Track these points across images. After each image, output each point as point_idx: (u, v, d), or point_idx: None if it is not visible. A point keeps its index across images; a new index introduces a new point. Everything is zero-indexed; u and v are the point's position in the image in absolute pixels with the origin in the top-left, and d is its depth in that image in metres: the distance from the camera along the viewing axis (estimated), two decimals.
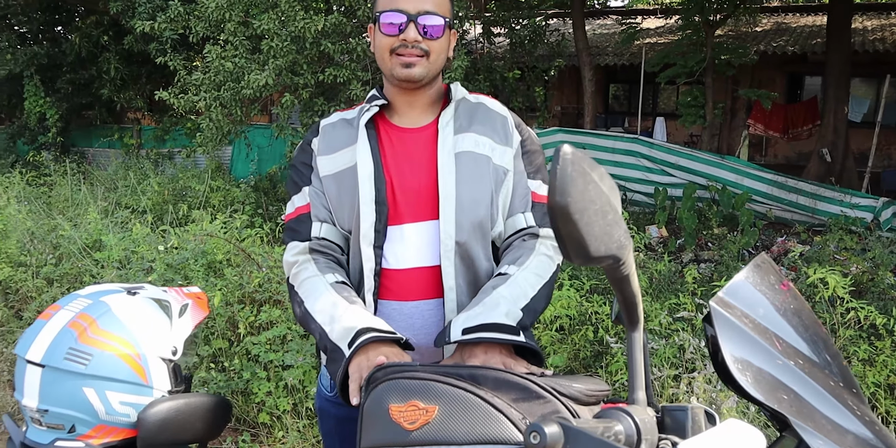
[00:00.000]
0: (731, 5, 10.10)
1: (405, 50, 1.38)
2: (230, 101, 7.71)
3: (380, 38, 1.41)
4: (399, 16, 1.37)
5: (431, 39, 1.39)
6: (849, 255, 6.20)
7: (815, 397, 0.93)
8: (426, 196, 1.41)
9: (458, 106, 1.49)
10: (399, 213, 1.41)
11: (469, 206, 1.40)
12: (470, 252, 1.41)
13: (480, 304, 1.30)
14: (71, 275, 4.41)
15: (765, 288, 1.03)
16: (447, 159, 1.41)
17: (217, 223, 4.67)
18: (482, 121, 1.47)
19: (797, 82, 13.96)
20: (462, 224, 1.39)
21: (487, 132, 1.46)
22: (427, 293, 1.41)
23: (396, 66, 1.39)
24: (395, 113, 1.48)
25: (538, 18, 10.92)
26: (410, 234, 1.41)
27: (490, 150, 1.44)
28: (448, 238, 1.39)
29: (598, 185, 0.68)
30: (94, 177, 10.01)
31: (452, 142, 1.43)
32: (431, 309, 1.42)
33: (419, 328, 1.40)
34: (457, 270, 1.40)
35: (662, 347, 3.27)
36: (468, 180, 1.40)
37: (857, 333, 3.60)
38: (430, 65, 1.41)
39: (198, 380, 3.27)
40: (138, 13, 9.92)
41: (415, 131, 1.47)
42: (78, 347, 1.25)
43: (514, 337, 1.23)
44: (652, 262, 5.32)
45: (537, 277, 1.38)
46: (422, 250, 1.41)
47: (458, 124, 1.46)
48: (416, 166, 1.43)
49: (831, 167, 9.71)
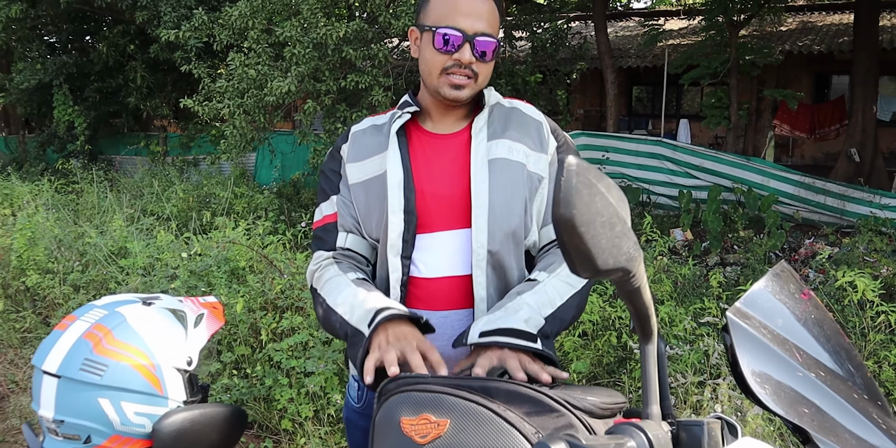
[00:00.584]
0: (755, 5, 9.99)
1: (457, 70, 1.35)
2: (253, 108, 7.79)
3: (431, 53, 1.37)
4: (456, 34, 1.33)
5: (483, 62, 1.37)
6: (879, 256, 6.08)
7: (838, 410, 0.90)
8: (458, 204, 1.38)
9: (491, 111, 1.46)
10: (430, 222, 1.39)
11: (502, 215, 1.37)
12: (502, 262, 1.39)
13: (502, 308, 1.28)
14: (97, 282, 4.47)
15: (784, 297, 1.00)
16: (480, 166, 1.38)
17: (240, 230, 4.70)
18: (516, 126, 1.44)
19: (824, 82, 13.75)
20: (494, 233, 1.37)
21: (522, 138, 1.43)
22: (457, 303, 1.39)
23: (445, 86, 1.37)
24: (429, 119, 1.46)
25: (560, 22, 10.89)
26: (441, 242, 1.39)
27: (524, 156, 1.41)
28: (480, 247, 1.36)
29: (604, 197, 0.67)
30: (121, 184, 10.16)
31: (486, 148, 1.40)
32: (461, 319, 1.39)
33: (448, 338, 1.37)
34: (488, 280, 1.38)
35: (687, 353, 3.23)
36: (501, 188, 1.37)
37: (888, 337, 3.53)
38: (476, 86, 1.39)
39: (220, 386, 3.29)
40: (164, 22, 10.07)
41: (448, 137, 1.44)
42: (93, 358, 1.25)
43: (528, 343, 1.21)
44: (676, 266, 5.26)
45: (567, 286, 1.35)
46: (453, 259, 1.38)
47: (491, 130, 1.43)
48: (449, 173, 1.40)
49: (860, 167, 9.54)
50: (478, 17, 1.34)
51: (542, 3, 12.62)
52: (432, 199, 1.39)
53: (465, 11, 1.34)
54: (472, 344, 1.23)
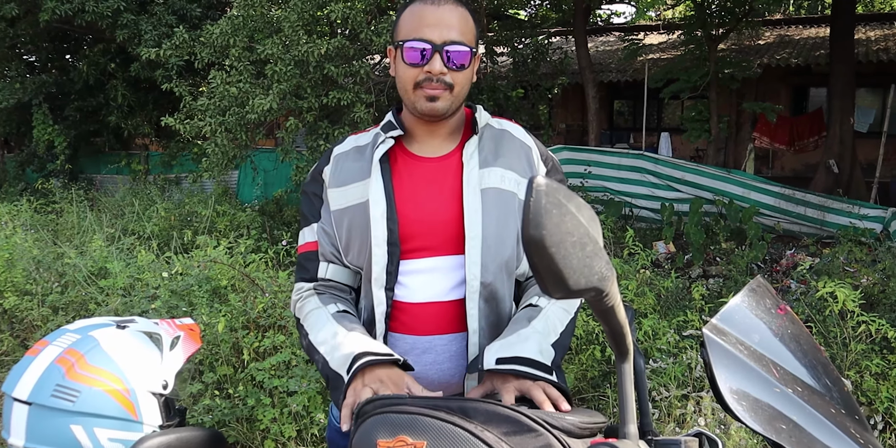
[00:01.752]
0: (733, 19, 10.13)
1: (429, 84, 1.32)
2: (235, 126, 7.77)
3: (403, 68, 1.34)
4: (424, 46, 1.30)
5: (456, 71, 1.32)
6: (859, 266, 6.13)
7: (816, 426, 0.90)
8: (448, 230, 1.36)
9: (481, 134, 1.42)
10: (416, 247, 1.36)
11: (495, 246, 1.35)
12: (495, 293, 1.37)
13: (515, 334, 1.27)
14: (76, 303, 4.41)
15: (761, 312, 1.01)
16: (473, 196, 1.35)
17: (221, 248, 4.66)
18: (507, 152, 1.42)
19: (802, 94, 13.94)
20: (487, 265, 1.35)
21: (513, 165, 1.40)
22: (445, 328, 1.37)
23: (420, 99, 1.33)
24: (415, 141, 1.42)
25: (541, 37, 10.98)
26: (428, 268, 1.36)
27: (516, 185, 1.39)
28: (474, 279, 1.34)
29: (575, 216, 0.66)
30: (102, 203, 10.07)
31: (478, 177, 1.37)
32: (446, 344, 1.37)
33: (430, 363, 1.36)
34: (480, 312, 1.36)
35: (670, 366, 3.23)
36: (494, 219, 1.35)
37: (869, 347, 3.55)
38: (453, 98, 1.35)
39: (202, 407, 3.24)
40: (144, 41, 10.05)
41: (435, 161, 1.40)
42: (65, 384, 1.23)
43: (546, 375, 1.20)
44: (659, 279, 5.28)
45: (565, 313, 1.36)
46: (442, 285, 1.36)
47: (482, 157, 1.39)
48: (438, 199, 1.37)
49: (839, 178, 9.65)
50: (447, 27, 1.31)
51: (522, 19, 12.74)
52: (418, 226, 1.36)
53: (431, 22, 1.31)
54: (489, 369, 1.22)
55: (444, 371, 1.37)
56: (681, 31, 11.54)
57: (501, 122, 1.49)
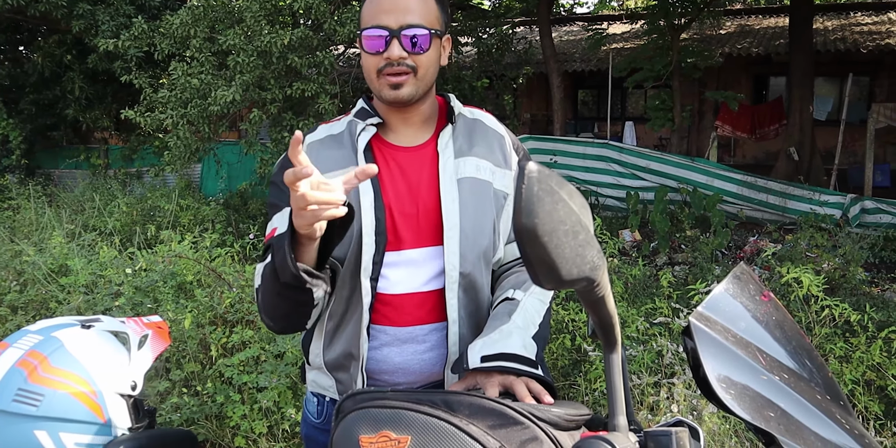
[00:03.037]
0: (695, 9, 10.23)
1: (390, 69, 1.30)
2: (198, 118, 7.62)
3: (365, 57, 1.33)
4: (381, 32, 1.29)
5: (418, 54, 1.31)
6: (820, 252, 6.27)
7: (802, 413, 0.89)
8: (427, 221, 1.35)
9: (455, 124, 1.42)
10: (398, 239, 1.34)
11: (473, 236, 1.35)
12: (474, 282, 1.37)
13: (497, 330, 1.26)
14: (36, 301, 4.28)
15: (745, 299, 1.00)
16: (449, 186, 1.34)
17: (186, 243, 4.57)
18: (480, 141, 1.42)
19: (762, 83, 14.17)
20: (466, 255, 1.34)
21: (487, 155, 1.41)
22: (423, 318, 1.36)
23: (384, 87, 1.32)
24: (390, 130, 1.40)
25: (505, 27, 10.97)
26: (409, 259, 1.35)
27: (490, 174, 1.39)
28: (453, 269, 1.33)
29: (567, 204, 0.64)
30: (61, 199, 9.82)
31: (454, 166, 1.36)
32: (426, 334, 1.36)
33: (412, 353, 1.35)
34: (460, 302, 1.36)
35: (641, 354, 3.25)
36: (471, 209, 1.35)
37: (833, 331, 3.62)
38: (418, 81, 1.32)
39: (170, 406, 3.18)
40: (102, 31, 9.79)
41: (412, 150, 1.39)
42: (28, 388, 1.17)
43: (530, 369, 1.19)
44: (627, 267, 5.32)
45: (541, 304, 1.35)
46: (422, 276, 1.35)
47: (457, 146, 1.39)
48: (415, 189, 1.36)
49: (799, 166, 9.84)
50: (402, 11, 1.29)
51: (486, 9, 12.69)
52: (400, 217, 1.34)
53: (387, 8, 1.30)
54: (474, 369, 1.20)
55: (426, 361, 1.36)
56: (644, 20, 11.63)
57: (473, 111, 1.48)
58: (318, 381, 1.44)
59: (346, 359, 1.37)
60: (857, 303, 4.67)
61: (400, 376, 1.36)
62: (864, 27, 13.24)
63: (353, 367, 1.36)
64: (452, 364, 1.29)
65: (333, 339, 1.39)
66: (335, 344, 1.38)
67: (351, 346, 1.35)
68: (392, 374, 1.36)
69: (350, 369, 1.37)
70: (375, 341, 1.36)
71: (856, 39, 12.03)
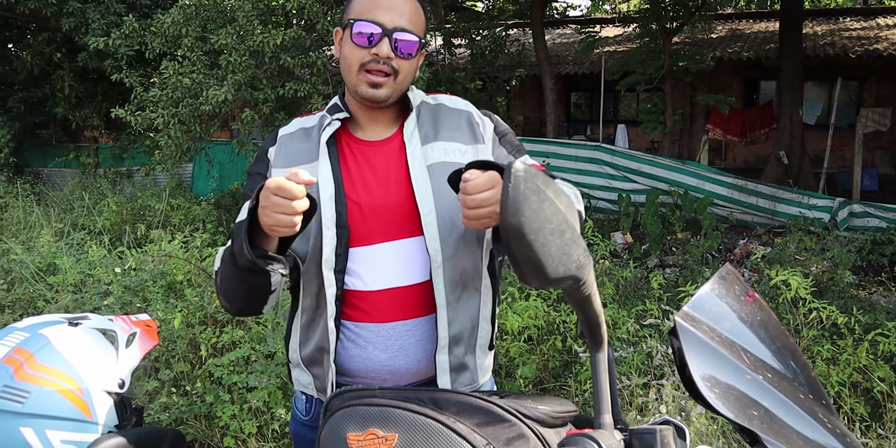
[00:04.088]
0: (686, 13, 10.27)
1: (374, 66, 1.30)
2: (189, 118, 7.59)
3: (350, 48, 1.32)
4: (374, 27, 1.29)
5: (403, 58, 1.32)
6: (809, 255, 6.30)
7: (786, 412, 0.90)
8: (401, 213, 1.34)
9: (419, 112, 1.43)
10: (367, 234, 1.34)
11: (452, 220, 1.34)
12: (460, 266, 1.36)
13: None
14: (24, 300, 4.26)
15: (730, 299, 1.01)
16: (420, 173, 1.34)
17: (176, 242, 4.56)
18: (446, 125, 1.41)
19: (753, 87, 14.24)
20: (447, 238, 1.33)
21: (454, 136, 1.40)
22: (406, 313, 1.35)
23: (362, 83, 1.32)
24: (358, 126, 1.41)
25: (498, 29, 10.98)
26: (385, 253, 1.34)
27: (461, 155, 1.38)
28: (436, 254, 1.33)
29: (553, 203, 0.64)
30: (49, 198, 9.77)
31: (422, 154, 1.36)
32: (410, 329, 1.36)
33: (397, 350, 1.35)
34: (447, 287, 1.35)
35: (630, 355, 3.26)
36: (445, 193, 1.33)
37: (820, 333, 3.64)
38: (396, 85, 1.33)
39: (159, 405, 3.17)
40: (92, 30, 9.74)
41: (379, 144, 1.39)
42: (14, 385, 1.17)
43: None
44: (618, 269, 5.34)
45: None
46: (400, 269, 1.34)
47: (423, 134, 1.39)
48: (385, 182, 1.35)
49: (788, 169, 9.89)
50: (398, 13, 1.31)
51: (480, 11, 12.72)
52: (369, 211, 1.34)
53: (384, 6, 1.31)
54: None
55: (412, 356, 1.36)
56: (636, 24, 11.67)
57: (436, 97, 1.49)
58: (300, 378, 1.45)
59: (319, 353, 1.37)
60: (845, 305, 4.70)
61: (387, 374, 1.36)
62: (853, 32, 13.33)
63: (326, 360, 1.36)
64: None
65: (307, 334, 1.39)
66: (309, 339, 1.39)
67: (322, 340, 1.36)
68: (378, 372, 1.36)
69: (323, 363, 1.37)
70: (358, 339, 1.35)
71: (845, 44, 12.11)
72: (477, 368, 1.43)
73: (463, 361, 1.39)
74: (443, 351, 1.35)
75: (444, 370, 1.36)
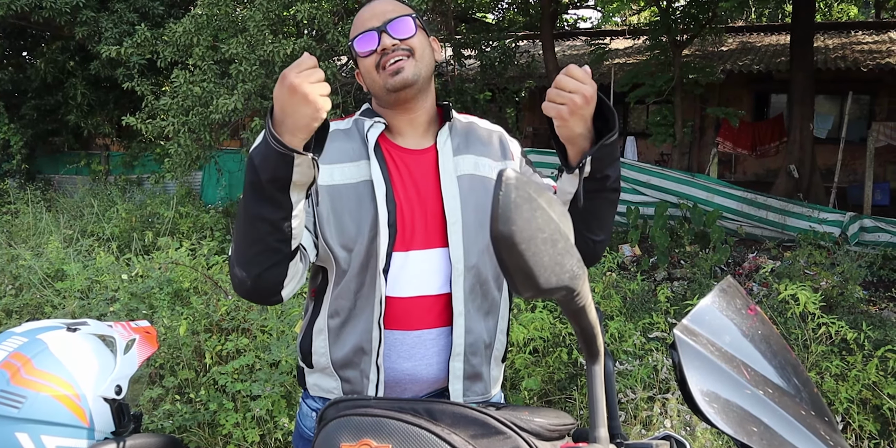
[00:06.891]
0: (697, 25, 10.28)
1: (389, 56, 1.34)
2: (199, 126, 7.63)
3: (362, 63, 1.39)
4: (367, 34, 1.36)
5: (407, 38, 1.37)
6: (818, 269, 6.25)
7: (786, 428, 0.89)
8: (433, 223, 1.36)
9: (452, 126, 1.46)
10: (406, 240, 1.35)
11: (476, 231, 1.36)
12: (480, 277, 1.38)
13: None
14: (31, 306, 4.28)
15: (731, 313, 0.99)
16: (450, 184, 1.37)
17: (183, 250, 4.57)
18: (477, 139, 1.46)
19: (763, 100, 14.20)
20: (470, 249, 1.36)
21: (486, 151, 1.44)
22: (431, 322, 1.36)
23: (387, 78, 1.35)
24: (397, 133, 1.43)
25: (508, 40, 11.01)
26: (416, 261, 1.35)
27: (490, 170, 1.42)
28: (458, 263, 1.34)
29: (545, 212, 0.64)
30: (60, 204, 9.83)
31: (453, 164, 1.39)
32: (433, 338, 1.36)
33: (419, 358, 1.35)
34: (466, 296, 1.36)
35: (636, 368, 3.24)
36: (472, 204, 1.37)
37: (829, 348, 3.60)
38: (418, 62, 1.36)
39: (162, 412, 3.16)
40: (105, 38, 9.84)
41: (418, 153, 1.41)
42: (10, 389, 1.17)
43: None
44: (625, 282, 5.31)
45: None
46: (428, 278, 1.35)
47: (455, 144, 1.42)
48: (422, 191, 1.38)
49: (799, 183, 9.84)
50: (381, 14, 1.38)
51: (490, 22, 12.77)
52: (410, 217, 1.35)
53: (367, 17, 1.39)
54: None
55: (432, 366, 1.36)
56: (646, 36, 11.68)
57: (467, 117, 1.53)
58: (321, 383, 1.41)
59: (357, 354, 1.35)
60: (855, 321, 4.66)
61: (408, 382, 1.36)
62: (864, 46, 13.29)
63: (365, 361, 1.34)
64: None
65: (341, 336, 1.37)
66: (343, 341, 1.36)
67: (362, 341, 1.34)
68: (399, 381, 1.36)
69: (361, 365, 1.35)
70: (386, 346, 1.35)
71: (856, 58, 12.07)
72: (490, 380, 1.44)
73: (479, 371, 1.40)
74: (457, 358, 1.36)
75: (458, 377, 1.36)
